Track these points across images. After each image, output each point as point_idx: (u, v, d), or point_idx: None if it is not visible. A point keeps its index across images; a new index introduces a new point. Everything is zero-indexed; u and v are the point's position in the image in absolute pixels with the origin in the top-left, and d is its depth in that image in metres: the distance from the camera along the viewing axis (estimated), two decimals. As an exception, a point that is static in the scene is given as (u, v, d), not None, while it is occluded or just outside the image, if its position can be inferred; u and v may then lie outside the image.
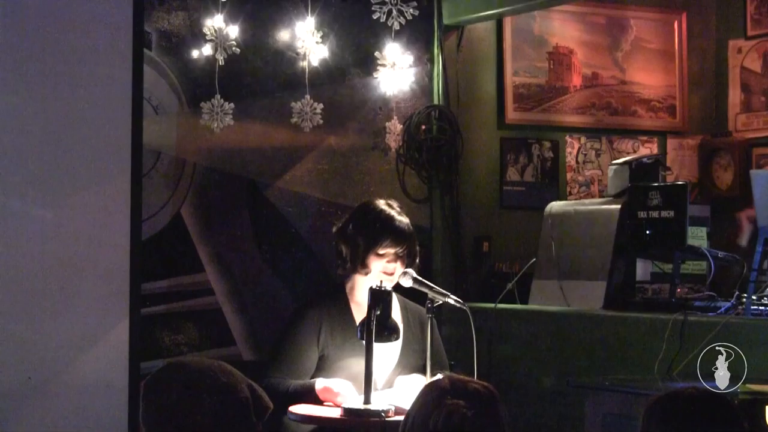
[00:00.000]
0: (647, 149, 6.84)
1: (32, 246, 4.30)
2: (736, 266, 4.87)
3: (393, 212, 4.36)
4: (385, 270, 4.27)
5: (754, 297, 4.52)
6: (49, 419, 4.28)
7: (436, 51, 6.14)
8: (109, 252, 4.38)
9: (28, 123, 4.30)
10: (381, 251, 4.28)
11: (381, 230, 4.30)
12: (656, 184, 5.15)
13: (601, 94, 6.79)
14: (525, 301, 5.49)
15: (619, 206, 5.19)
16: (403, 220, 4.36)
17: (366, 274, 4.30)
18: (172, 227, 5.49)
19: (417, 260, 4.41)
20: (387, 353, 4.29)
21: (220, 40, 5.55)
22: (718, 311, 4.61)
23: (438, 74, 6.15)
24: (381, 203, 4.41)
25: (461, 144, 6.19)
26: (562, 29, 6.67)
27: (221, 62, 5.55)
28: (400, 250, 4.30)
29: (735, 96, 6.89)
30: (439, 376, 3.66)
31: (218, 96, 5.57)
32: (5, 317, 4.24)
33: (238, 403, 2.67)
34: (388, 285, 4.19)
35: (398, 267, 4.30)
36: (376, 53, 5.95)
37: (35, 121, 4.31)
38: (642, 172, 5.35)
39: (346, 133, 5.92)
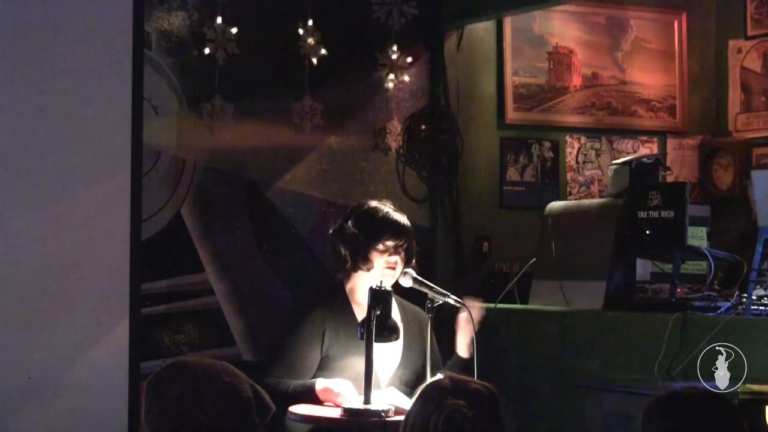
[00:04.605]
0: (647, 149, 6.84)
1: (32, 246, 4.30)
2: (737, 266, 4.86)
3: (389, 208, 4.40)
4: (387, 262, 4.29)
5: (754, 297, 4.52)
6: (50, 419, 4.28)
7: (436, 51, 6.14)
8: (109, 252, 4.39)
9: (28, 123, 4.30)
10: (381, 246, 4.30)
11: (381, 224, 4.32)
12: (656, 184, 5.14)
13: (601, 94, 6.79)
14: (525, 301, 5.49)
15: (619, 206, 5.19)
16: (401, 215, 4.39)
17: (369, 269, 4.31)
18: (172, 227, 5.49)
19: (414, 260, 4.41)
20: (389, 353, 4.29)
21: (220, 40, 5.55)
22: (718, 311, 4.61)
23: (438, 74, 6.15)
24: (375, 202, 4.44)
25: (461, 144, 6.19)
26: (562, 29, 6.68)
27: (221, 62, 5.55)
28: (400, 244, 4.32)
29: (735, 96, 6.89)
30: (440, 376, 3.67)
31: (218, 96, 5.56)
32: (5, 317, 4.24)
33: (240, 404, 2.68)
34: (388, 284, 4.19)
35: (399, 261, 4.32)
36: (376, 53, 5.95)
37: (35, 121, 4.31)
38: (642, 172, 5.35)
39: (346, 133, 5.92)
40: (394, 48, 5.97)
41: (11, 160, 4.27)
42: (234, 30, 5.57)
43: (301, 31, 5.73)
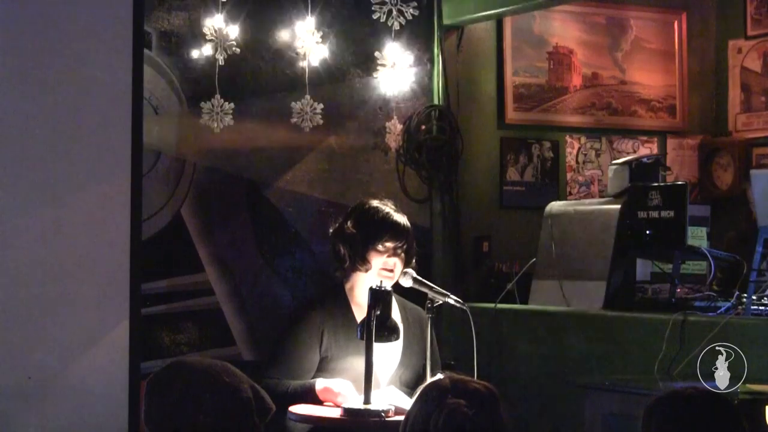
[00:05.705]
0: (647, 149, 6.84)
1: (32, 246, 4.29)
2: (737, 266, 4.87)
3: (390, 209, 4.38)
4: (385, 265, 4.27)
5: (754, 297, 4.52)
6: (50, 419, 4.27)
7: (436, 51, 6.15)
8: (109, 252, 4.38)
9: (28, 123, 4.29)
10: (380, 246, 4.28)
11: (380, 225, 4.30)
12: (656, 184, 5.15)
13: (601, 94, 6.79)
14: (525, 301, 5.49)
15: (619, 206, 5.19)
16: (401, 216, 4.37)
17: (366, 270, 4.30)
18: (172, 227, 5.49)
19: (414, 261, 4.40)
20: (389, 353, 4.29)
21: (220, 40, 5.55)
22: (718, 311, 4.61)
23: (438, 74, 6.15)
24: (376, 202, 4.42)
25: (461, 144, 6.19)
26: (562, 29, 6.68)
27: (221, 62, 5.55)
28: (399, 245, 4.30)
29: (735, 96, 6.90)
30: (440, 375, 3.66)
31: (218, 96, 5.56)
32: (5, 317, 4.24)
33: (240, 403, 2.68)
34: (388, 284, 4.19)
35: (398, 263, 4.30)
36: (376, 53, 5.95)
37: (35, 121, 4.30)
38: (642, 172, 5.35)
39: (346, 133, 5.92)
40: (394, 48, 5.97)
41: (11, 160, 4.26)
42: (234, 30, 5.57)
43: (301, 31, 5.73)
